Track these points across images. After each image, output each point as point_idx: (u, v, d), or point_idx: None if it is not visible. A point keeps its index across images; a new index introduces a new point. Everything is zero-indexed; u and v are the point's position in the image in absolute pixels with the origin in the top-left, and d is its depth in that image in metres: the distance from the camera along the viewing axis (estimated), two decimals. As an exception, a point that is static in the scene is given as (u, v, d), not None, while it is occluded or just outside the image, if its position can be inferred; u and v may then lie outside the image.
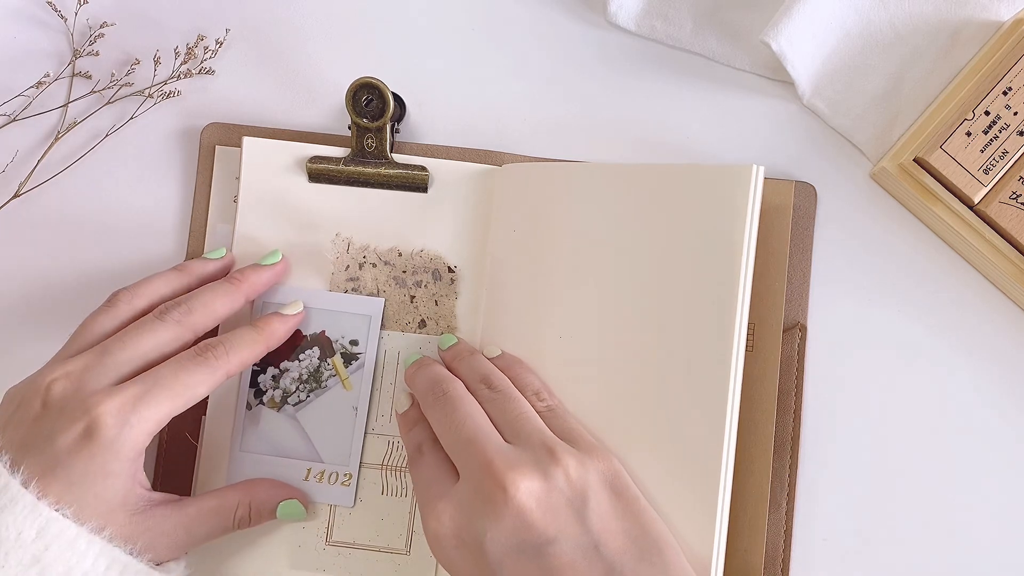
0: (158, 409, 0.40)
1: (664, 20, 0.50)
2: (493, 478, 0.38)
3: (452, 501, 0.39)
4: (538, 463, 0.39)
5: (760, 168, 0.41)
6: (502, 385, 0.44)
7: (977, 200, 0.46)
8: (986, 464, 0.47)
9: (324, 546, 0.47)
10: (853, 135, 0.49)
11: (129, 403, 0.39)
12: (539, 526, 0.38)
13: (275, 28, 0.51)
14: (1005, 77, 0.46)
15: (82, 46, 0.51)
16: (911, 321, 0.48)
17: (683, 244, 0.42)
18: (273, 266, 0.47)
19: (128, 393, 0.40)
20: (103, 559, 0.39)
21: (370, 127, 0.47)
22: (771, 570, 0.46)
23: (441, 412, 0.42)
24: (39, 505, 0.38)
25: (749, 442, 0.45)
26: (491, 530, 0.38)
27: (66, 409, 0.39)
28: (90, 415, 0.39)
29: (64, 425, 0.39)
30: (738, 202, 0.41)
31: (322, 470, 0.47)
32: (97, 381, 0.40)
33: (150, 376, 0.41)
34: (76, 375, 0.40)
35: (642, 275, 0.43)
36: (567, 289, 0.45)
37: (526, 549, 0.38)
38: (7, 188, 0.50)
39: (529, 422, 0.41)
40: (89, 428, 0.39)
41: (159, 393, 0.40)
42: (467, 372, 0.45)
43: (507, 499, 0.38)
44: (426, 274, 0.48)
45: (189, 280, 0.46)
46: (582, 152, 0.50)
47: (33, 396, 0.40)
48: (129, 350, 0.41)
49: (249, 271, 0.46)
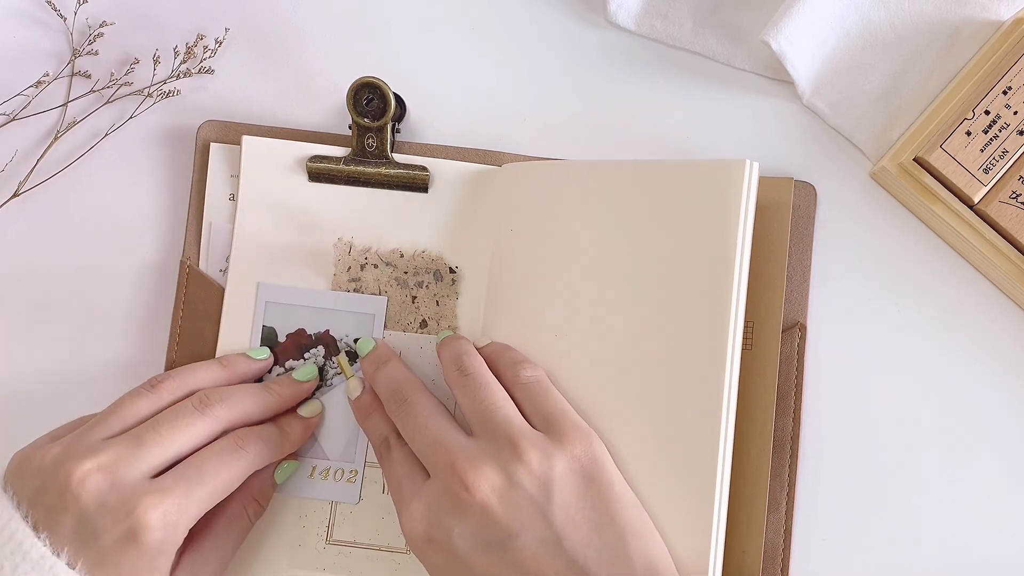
0: (200, 507, 0.41)
1: (664, 19, 0.50)
2: (457, 477, 0.39)
3: (423, 500, 0.40)
4: (501, 460, 0.39)
5: (754, 164, 0.41)
6: (474, 368, 0.43)
7: (977, 199, 0.46)
8: (987, 463, 0.47)
9: (324, 545, 0.47)
10: (853, 135, 0.49)
11: (176, 507, 0.39)
12: (502, 522, 0.39)
13: (275, 28, 0.51)
14: (1005, 76, 0.46)
15: (81, 45, 0.51)
16: (911, 320, 0.48)
17: (678, 239, 0.42)
18: (304, 385, 0.47)
19: (173, 495, 0.39)
20: None
21: (371, 127, 0.47)
22: (771, 570, 0.46)
23: (405, 418, 0.43)
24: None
25: (748, 442, 0.45)
26: (458, 527, 0.39)
27: (106, 508, 0.38)
28: (135, 518, 0.38)
29: (107, 525, 0.38)
30: (731, 196, 0.41)
31: (328, 467, 0.47)
32: (133, 475, 0.39)
33: (193, 473, 0.41)
34: (110, 468, 0.39)
35: (638, 270, 0.43)
36: (565, 287, 0.45)
37: (491, 544, 0.39)
38: (6, 187, 0.50)
39: (497, 411, 0.41)
40: (134, 531, 0.38)
41: (202, 491, 0.40)
42: (446, 355, 0.45)
43: (470, 497, 0.39)
44: (427, 275, 0.48)
45: (230, 377, 0.46)
46: (582, 152, 0.50)
47: (64, 486, 0.39)
48: (166, 443, 0.41)
49: (288, 386, 0.46)
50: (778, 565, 0.46)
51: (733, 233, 0.41)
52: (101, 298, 0.50)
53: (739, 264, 0.41)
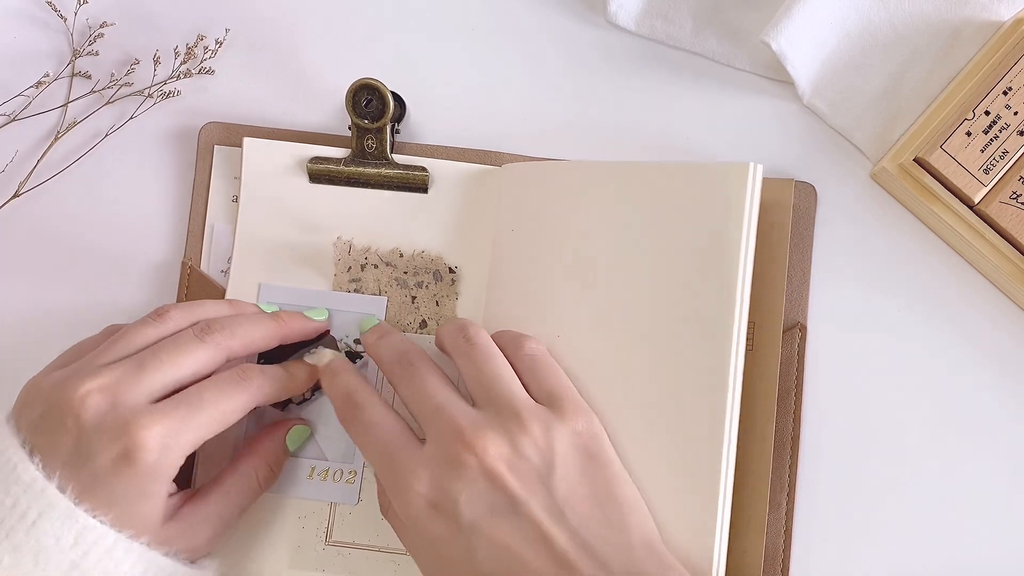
0: (197, 434, 0.40)
1: (664, 20, 0.50)
2: (464, 444, 0.39)
3: (427, 467, 0.40)
4: (506, 430, 0.40)
5: (758, 166, 0.42)
6: (480, 338, 0.44)
7: (977, 200, 0.46)
8: (987, 464, 0.47)
9: (324, 546, 0.47)
10: (853, 135, 0.49)
11: (172, 430, 0.39)
12: (511, 488, 0.39)
13: (275, 28, 0.51)
14: (1005, 77, 0.46)
15: (82, 46, 0.51)
16: (911, 321, 0.48)
17: (681, 242, 0.43)
18: (317, 321, 0.47)
19: (171, 419, 0.39)
20: (141, 564, 0.39)
21: (370, 128, 0.47)
22: (771, 570, 0.46)
23: (409, 381, 0.43)
24: (76, 511, 0.38)
25: (749, 442, 0.45)
26: (465, 492, 0.39)
27: (103, 427, 0.38)
28: (130, 438, 0.38)
29: (103, 445, 0.38)
30: (735, 199, 0.42)
31: (326, 468, 0.47)
32: (134, 398, 0.39)
33: (193, 399, 0.40)
34: (111, 390, 0.39)
35: (642, 272, 0.43)
36: (568, 288, 0.45)
37: (498, 510, 0.39)
38: (7, 188, 0.50)
39: (502, 383, 0.42)
40: (129, 451, 0.38)
41: (200, 418, 0.40)
42: (450, 328, 0.45)
43: (478, 463, 0.39)
44: (427, 275, 0.48)
45: (235, 313, 0.45)
46: (582, 152, 0.50)
47: (65, 407, 0.39)
48: (166, 368, 0.41)
49: (294, 317, 0.46)
50: (778, 565, 0.46)
51: (737, 235, 0.41)
52: (102, 299, 0.50)
53: (743, 265, 0.41)
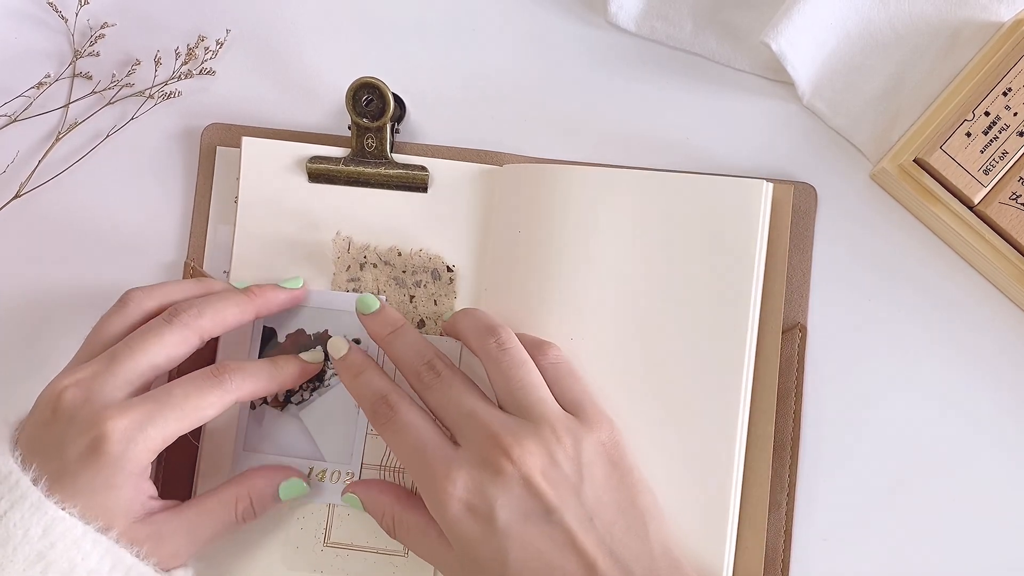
0: (164, 429, 0.40)
1: (664, 21, 0.50)
2: (500, 449, 0.40)
3: (464, 469, 0.40)
4: (542, 439, 0.41)
5: (769, 185, 0.45)
6: (512, 343, 0.43)
7: (977, 201, 0.46)
8: (987, 464, 0.47)
9: (322, 547, 0.47)
10: (853, 135, 0.49)
11: (136, 423, 0.40)
12: (546, 495, 0.40)
13: (275, 28, 0.51)
14: (1005, 78, 0.46)
15: (83, 47, 0.51)
16: (911, 321, 0.48)
17: (697, 252, 0.45)
18: (292, 290, 0.47)
19: (137, 411, 0.40)
20: (108, 559, 0.39)
21: (370, 127, 0.47)
22: (771, 570, 0.46)
23: (440, 389, 0.43)
24: (46, 503, 0.38)
25: (749, 442, 0.45)
26: (501, 496, 0.40)
27: (75, 419, 0.40)
28: (97, 429, 0.39)
29: (73, 436, 0.39)
30: (751, 215, 0.44)
31: (324, 469, 0.47)
32: (107, 391, 0.40)
33: (162, 394, 0.41)
34: (86, 383, 0.40)
35: (657, 279, 0.45)
36: (582, 292, 0.46)
37: (532, 516, 0.40)
38: (8, 189, 0.50)
39: (534, 391, 0.42)
40: (96, 442, 0.39)
41: (168, 413, 0.40)
42: (472, 324, 0.44)
43: (515, 469, 0.40)
44: (425, 274, 0.48)
45: (203, 291, 0.45)
46: (582, 152, 0.50)
47: (46, 402, 0.41)
48: (137, 357, 0.41)
49: (267, 288, 0.46)
50: (778, 565, 0.46)
51: (752, 249, 0.44)
52: (103, 299, 0.50)
53: (756, 276, 0.44)
